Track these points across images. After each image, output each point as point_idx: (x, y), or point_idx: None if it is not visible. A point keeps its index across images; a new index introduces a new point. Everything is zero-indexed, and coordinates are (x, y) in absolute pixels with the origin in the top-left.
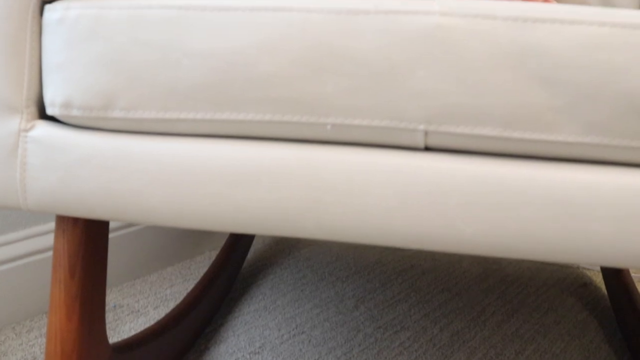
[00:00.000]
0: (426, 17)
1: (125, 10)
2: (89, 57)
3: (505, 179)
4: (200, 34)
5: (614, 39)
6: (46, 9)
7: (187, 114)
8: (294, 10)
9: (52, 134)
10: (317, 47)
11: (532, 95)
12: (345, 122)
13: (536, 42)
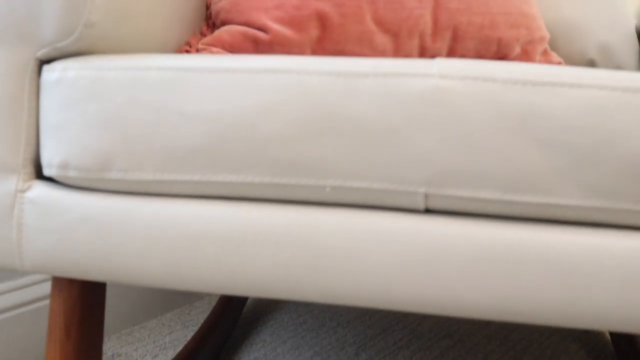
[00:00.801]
0: (425, 79)
1: (123, 72)
2: (87, 118)
3: (507, 242)
4: (198, 96)
5: (614, 103)
6: (44, 69)
7: (185, 176)
8: (292, 72)
9: (49, 195)
10: (315, 109)
11: (532, 158)
12: (345, 184)
13: (536, 105)
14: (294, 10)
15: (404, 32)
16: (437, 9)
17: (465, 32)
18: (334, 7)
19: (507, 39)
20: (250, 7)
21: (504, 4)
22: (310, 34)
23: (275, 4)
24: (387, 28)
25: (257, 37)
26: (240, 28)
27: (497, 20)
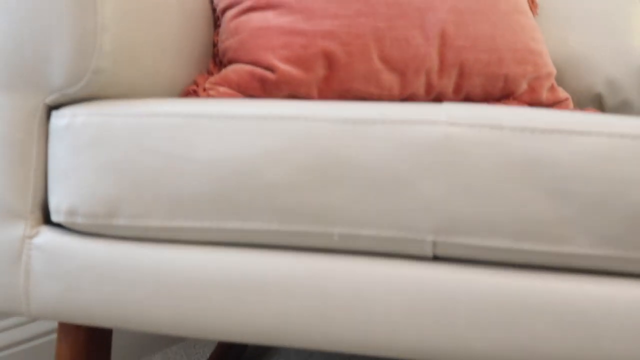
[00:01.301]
0: (433, 127)
1: (131, 118)
2: (95, 164)
3: (515, 291)
4: (206, 142)
5: (622, 151)
6: (53, 115)
7: (193, 223)
8: (300, 119)
9: (57, 241)
10: (323, 156)
11: (541, 206)
12: (352, 232)
13: (544, 153)
14: (300, 50)
15: (411, 70)
16: (444, 46)
17: (471, 69)
18: (341, 45)
19: (513, 76)
20: (257, 46)
21: (510, 41)
22: (317, 73)
23: (282, 43)
24: (394, 66)
25: (264, 76)
26: (247, 67)
27: (504, 56)
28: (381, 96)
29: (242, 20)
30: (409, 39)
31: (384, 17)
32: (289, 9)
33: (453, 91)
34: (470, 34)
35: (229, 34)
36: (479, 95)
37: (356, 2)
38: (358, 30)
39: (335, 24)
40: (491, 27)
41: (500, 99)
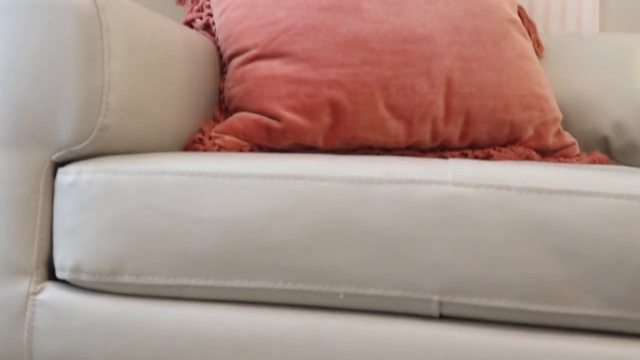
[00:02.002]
0: (439, 187)
1: (137, 176)
2: (100, 222)
3: (522, 350)
4: (211, 201)
5: (629, 213)
6: (59, 171)
7: (197, 281)
8: (305, 178)
9: (61, 298)
10: (329, 216)
11: (548, 267)
12: (358, 291)
13: (551, 214)
14: (306, 99)
15: (417, 117)
16: (449, 93)
17: (477, 115)
18: (347, 94)
19: (520, 122)
20: (263, 95)
21: (516, 87)
22: (323, 122)
23: (288, 92)
24: (400, 114)
25: (270, 125)
26: (253, 116)
27: (510, 103)
28: (387, 143)
29: (249, 68)
30: (415, 86)
31: (390, 65)
32: (295, 57)
33: (459, 138)
34: (476, 80)
35: (235, 81)
36: (485, 141)
37: (362, 50)
38: (364, 78)
39: (341, 73)
40: (497, 73)
41: (506, 144)
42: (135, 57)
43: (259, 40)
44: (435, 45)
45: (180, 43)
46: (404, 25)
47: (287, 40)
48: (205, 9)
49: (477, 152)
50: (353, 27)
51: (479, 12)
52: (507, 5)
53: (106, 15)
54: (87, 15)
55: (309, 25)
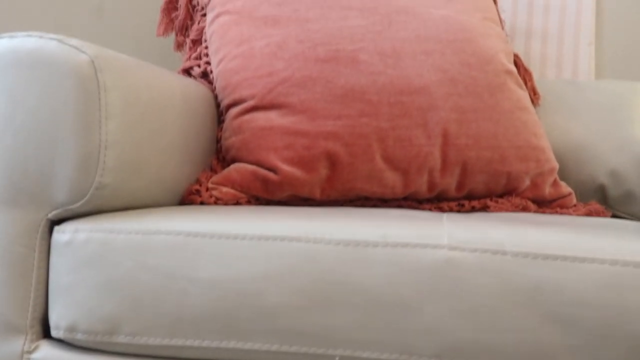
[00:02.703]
0: (435, 251)
1: (133, 235)
2: (96, 282)
3: None
4: (207, 262)
5: (626, 279)
6: (55, 229)
7: (193, 342)
8: (302, 240)
9: (56, 357)
10: (324, 278)
11: (545, 333)
12: (354, 354)
13: (547, 279)
14: (303, 150)
15: (414, 169)
16: (446, 145)
17: (474, 166)
18: (344, 146)
19: (516, 173)
20: (260, 146)
21: (513, 137)
22: (320, 174)
23: (285, 143)
24: (397, 165)
25: (266, 177)
26: (250, 167)
27: (507, 154)
28: (384, 194)
29: (246, 119)
30: (412, 138)
31: (387, 117)
32: (292, 109)
33: (456, 188)
34: (473, 132)
35: (233, 131)
36: (482, 192)
37: (359, 102)
38: (361, 130)
39: (338, 125)
40: (493, 124)
41: (503, 194)
42: (133, 115)
43: (256, 92)
44: (431, 96)
45: (178, 95)
46: (401, 77)
47: (284, 91)
48: (203, 57)
49: (474, 202)
50: (350, 79)
51: (475, 63)
52: (503, 56)
53: (104, 75)
54: (85, 76)
55: (306, 77)
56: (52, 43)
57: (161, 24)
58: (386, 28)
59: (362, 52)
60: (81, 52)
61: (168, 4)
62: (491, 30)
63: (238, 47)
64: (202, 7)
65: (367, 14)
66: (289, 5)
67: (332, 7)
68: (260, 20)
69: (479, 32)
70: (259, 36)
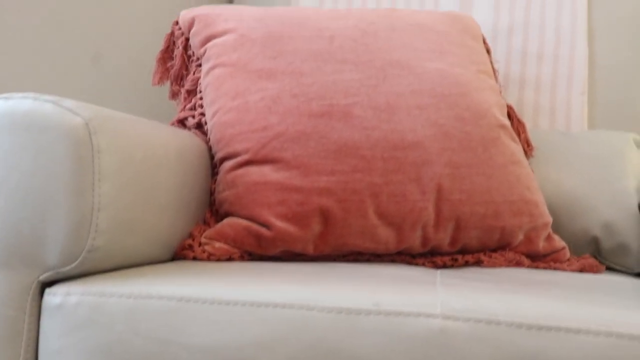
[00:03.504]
0: (428, 320)
1: (125, 299)
2: (87, 346)
3: None
4: (199, 328)
5: (620, 351)
6: (46, 292)
7: None
8: (294, 307)
9: None
10: (317, 346)
11: None
12: None
13: (542, 350)
14: (296, 206)
15: (407, 224)
16: (440, 200)
17: (467, 222)
18: (337, 202)
19: (510, 227)
20: (253, 201)
21: (506, 192)
22: (313, 229)
23: (279, 199)
24: (390, 221)
25: (260, 233)
26: (243, 222)
27: (500, 209)
28: (377, 250)
29: (240, 173)
30: (406, 193)
31: (380, 172)
32: (286, 164)
33: (449, 243)
34: (467, 187)
35: (226, 185)
36: (476, 246)
37: (353, 157)
38: (354, 186)
39: (331, 180)
40: (487, 179)
41: (496, 249)
42: (127, 176)
43: (250, 146)
44: (425, 151)
45: (172, 150)
46: (395, 132)
47: (278, 146)
48: (198, 107)
49: (468, 257)
50: (344, 134)
51: (469, 117)
52: (497, 110)
53: (98, 137)
54: (79, 139)
55: (300, 132)
56: (47, 106)
57: (156, 73)
58: (381, 82)
59: (356, 106)
60: (76, 114)
61: (164, 53)
62: (485, 83)
63: (233, 100)
64: (197, 58)
65: (362, 67)
66: (283, 58)
67: (327, 60)
68: (255, 74)
69: (473, 85)
70: (253, 89)
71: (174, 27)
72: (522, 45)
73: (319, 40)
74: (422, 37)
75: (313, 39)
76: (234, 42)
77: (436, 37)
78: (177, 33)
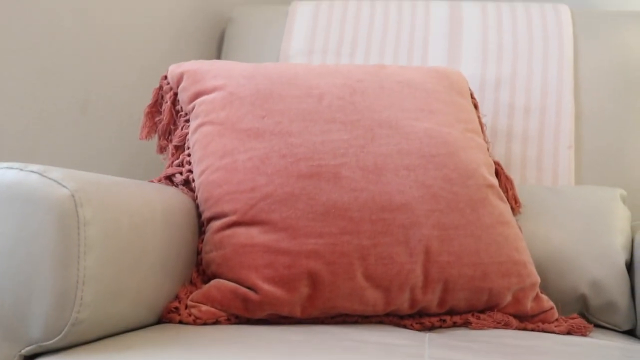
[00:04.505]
0: None
1: None
2: None
3: None
4: None
5: None
6: None
7: None
8: None
9: None
10: None
11: None
12: None
13: None
14: (284, 269)
15: (395, 286)
16: (428, 262)
17: (456, 284)
18: (325, 265)
19: (498, 289)
20: (240, 264)
21: (494, 253)
22: (301, 293)
23: (266, 262)
24: (378, 283)
25: (247, 296)
26: (230, 285)
27: (488, 270)
28: (365, 312)
29: (227, 234)
30: (394, 255)
31: (369, 235)
32: (274, 226)
33: (437, 305)
34: (455, 249)
35: (214, 246)
36: (464, 307)
37: (341, 219)
38: (343, 248)
39: (319, 243)
40: (475, 241)
41: (484, 310)
42: (112, 246)
43: (238, 207)
44: (413, 213)
45: (159, 213)
46: (383, 193)
47: (266, 208)
48: (185, 164)
49: (456, 318)
50: (332, 196)
51: (457, 178)
52: (484, 169)
53: (84, 209)
54: (65, 211)
55: (288, 194)
56: (33, 177)
57: (144, 127)
58: (369, 142)
59: (345, 167)
60: (62, 186)
61: (151, 107)
62: (472, 142)
63: (221, 159)
64: (185, 113)
65: (350, 127)
66: (272, 117)
67: (315, 120)
68: (244, 133)
69: (460, 145)
70: (242, 149)
71: (162, 82)
72: (509, 98)
73: (308, 99)
74: (410, 96)
75: (302, 97)
76: (222, 100)
77: (424, 95)
78: (165, 87)
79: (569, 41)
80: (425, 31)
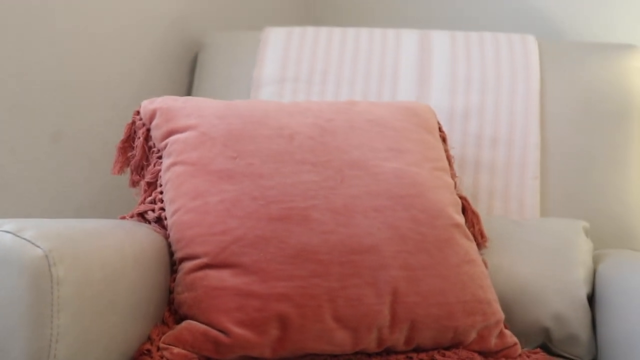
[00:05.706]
0: None
1: None
2: None
3: None
4: None
5: None
6: None
7: None
8: None
9: None
10: None
11: None
12: None
13: None
14: (254, 312)
15: (363, 327)
16: (395, 303)
17: (422, 323)
18: (295, 308)
19: (463, 327)
20: (212, 306)
21: (460, 292)
22: (271, 335)
23: (237, 305)
24: (347, 324)
25: (218, 339)
26: (201, 327)
27: (454, 309)
28: (333, 352)
29: (199, 275)
30: (362, 297)
31: (337, 277)
32: (245, 269)
33: (404, 343)
34: (422, 289)
35: (185, 287)
36: (429, 345)
37: (310, 262)
38: (312, 291)
39: (289, 286)
40: (441, 281)
41: (450, 347)
42: (85, 302)
43: (209, 249)
44: (381, 255)
45: (130, 258)
46: (352, 236)
47: (237, 251)
48: (158, 202)
49: (422, 355)
50: (302, 238)
51: (424, 219)
52: (451, 208)
53: (57, 269)
54: (38, 271)
55: (259, 237)
56: (7, 237)
57: (117, 162)
58: (338, 184)
59: (315, 209)
60: (36, 246)
61: (124, 142)
62: (440, 181)
63: (193, 200)
64: (158, 150)
65: (320, 169)
66: (243, 158)
67: (286, 162)
68: (215, 175)
69: (428, 185)
70: (213, 191)
71: (135, 117)
72: (477, 129)
73: (279, 140)
74: (379, 135)
75: (273, 137)
76: (195, 140)
77: (393, 134)
78: (138, 123)
79: (536, 72)
80: (395, 60)
